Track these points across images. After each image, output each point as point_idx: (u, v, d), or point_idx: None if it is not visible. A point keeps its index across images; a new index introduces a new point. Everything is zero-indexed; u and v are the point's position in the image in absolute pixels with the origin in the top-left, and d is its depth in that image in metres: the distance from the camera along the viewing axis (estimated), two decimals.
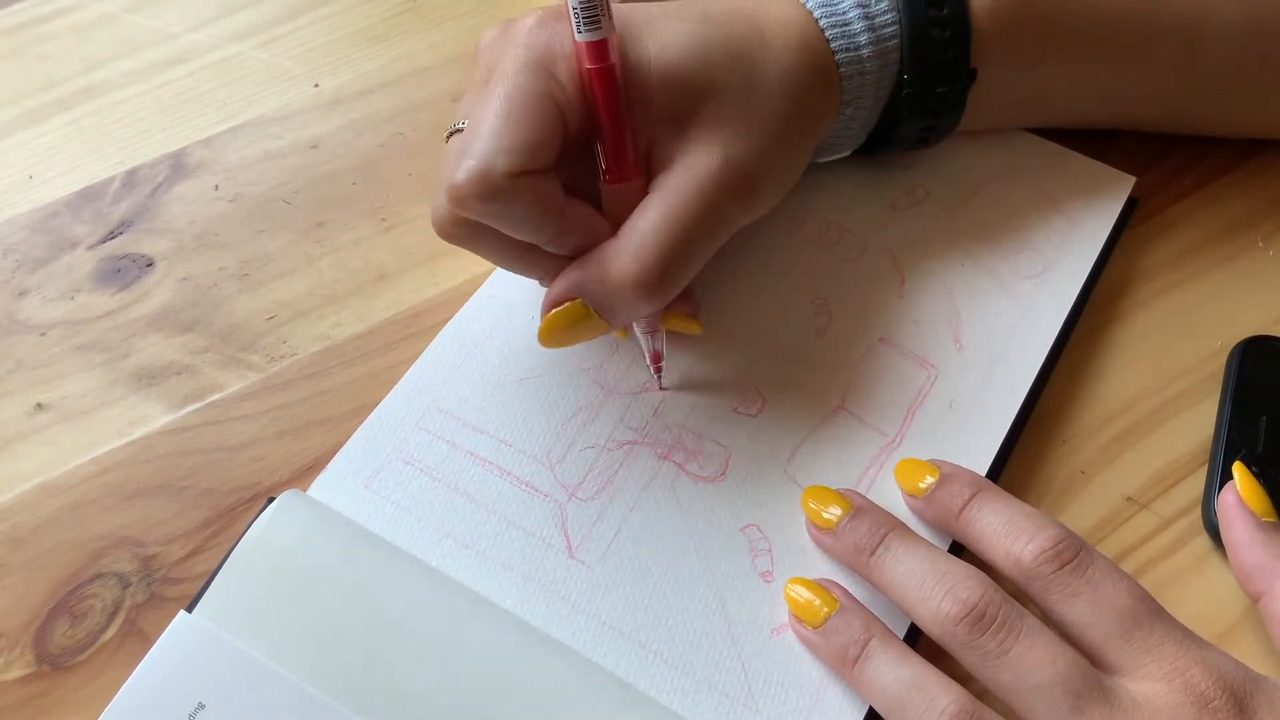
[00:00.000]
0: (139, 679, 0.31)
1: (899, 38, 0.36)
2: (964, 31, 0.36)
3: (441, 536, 0.34)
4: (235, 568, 0.32)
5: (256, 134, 0.44)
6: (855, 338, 0.38)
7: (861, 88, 0.37)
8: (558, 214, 0.32)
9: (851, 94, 0.37)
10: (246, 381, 0.38)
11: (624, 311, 0.33)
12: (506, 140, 0.30)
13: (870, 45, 0.36)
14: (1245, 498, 0.33)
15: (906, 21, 0.36)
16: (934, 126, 0.39)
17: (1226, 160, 0.44)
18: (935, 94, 0.37)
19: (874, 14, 0.36)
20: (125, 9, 0.48)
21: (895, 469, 0.35)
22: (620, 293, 0.32)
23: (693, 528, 0.34)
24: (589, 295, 0.32)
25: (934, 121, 0.39)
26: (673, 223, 0.32)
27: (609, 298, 0.32)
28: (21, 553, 0.35)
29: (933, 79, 0.37)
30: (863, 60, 0.36)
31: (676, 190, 0.32)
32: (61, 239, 0.41)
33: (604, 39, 0.31)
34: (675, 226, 0.32)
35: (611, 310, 0.33)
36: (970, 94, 0.38)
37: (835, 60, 0.36)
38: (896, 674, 0.30)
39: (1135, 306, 0.40)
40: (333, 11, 0.49)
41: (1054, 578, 0.30)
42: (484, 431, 0.36)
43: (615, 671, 0.32)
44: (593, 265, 0.32)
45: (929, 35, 0.36)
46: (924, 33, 0.36)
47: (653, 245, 0.32)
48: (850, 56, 0.36)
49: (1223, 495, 0.33)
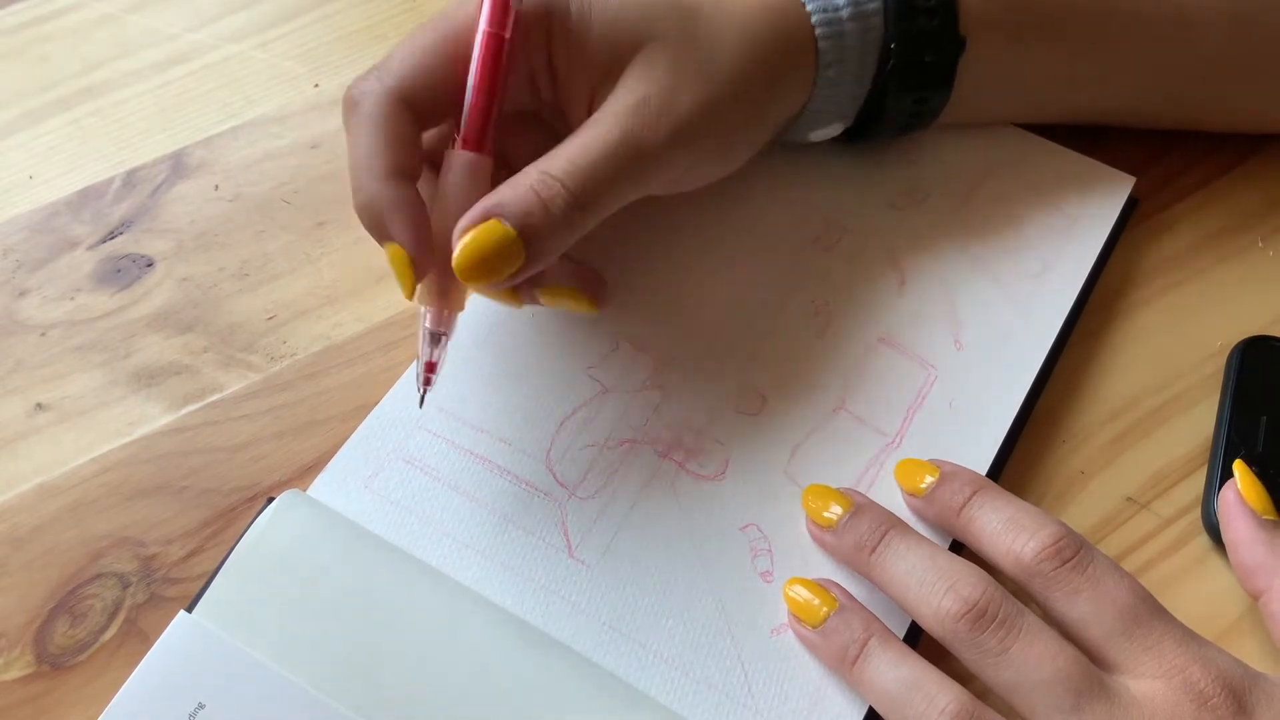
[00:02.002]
0: (139, 679, 0.31)
1: (881, 4, 0.36)
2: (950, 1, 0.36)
3: (441, 536, 0.34)
4: (235, 568, 0.32)
5: (256, 134, 0.44)
6: (855, 338, 0.38)
7: (842, 51, 0.36)
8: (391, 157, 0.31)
9: (830, 56, 0.36)
10: (246, 381, 0.38)
11: (546, 230, 0.31)
12: (405, 64, 0.32)
13: (849, 7, 0.35)
14: (1246, 495, 0.33)
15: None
16: (924, 99, 0.38)
17: (1226, 160, 0.44)
18: (923, 63, 0.37)
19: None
20: (125, 9, 0.48)
21: (895, 469, 0.35)
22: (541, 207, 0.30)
23: (692, 527, 0.34)
24: (507, 211, 0.30)
25: (923, 94, 0.38)
26: (591, 145, 0.31)
27: (530, 212, 0.30)
28: (21, 553, 0.35)
29: (920, 47, 0.36)
30: (841, 22, 0.35)
31: (599, 121, 0.32)
32: (61, 239, 0.41)
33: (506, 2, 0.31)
34: (592, 148, 0.31)
35: (533, 229, 0.30)
36: (960, 71, 0.38)
37: (811, 23, 0.35)
38: (896, 673, 0.30)
39: (1135, 306, 0.40)
40: (333, 11, 0.49)
41: (1055, 575, 0.30)
42: (483, 430, 0.36)
43: (615, 671, 0.32)
44: (502, 189, 0.31)
45: (913, 3, 0.36)
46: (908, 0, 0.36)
47: (565, 161, 0.31)
48: (827, 18, 0.35)
49: (1223, 493, 0.34)
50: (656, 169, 0.33)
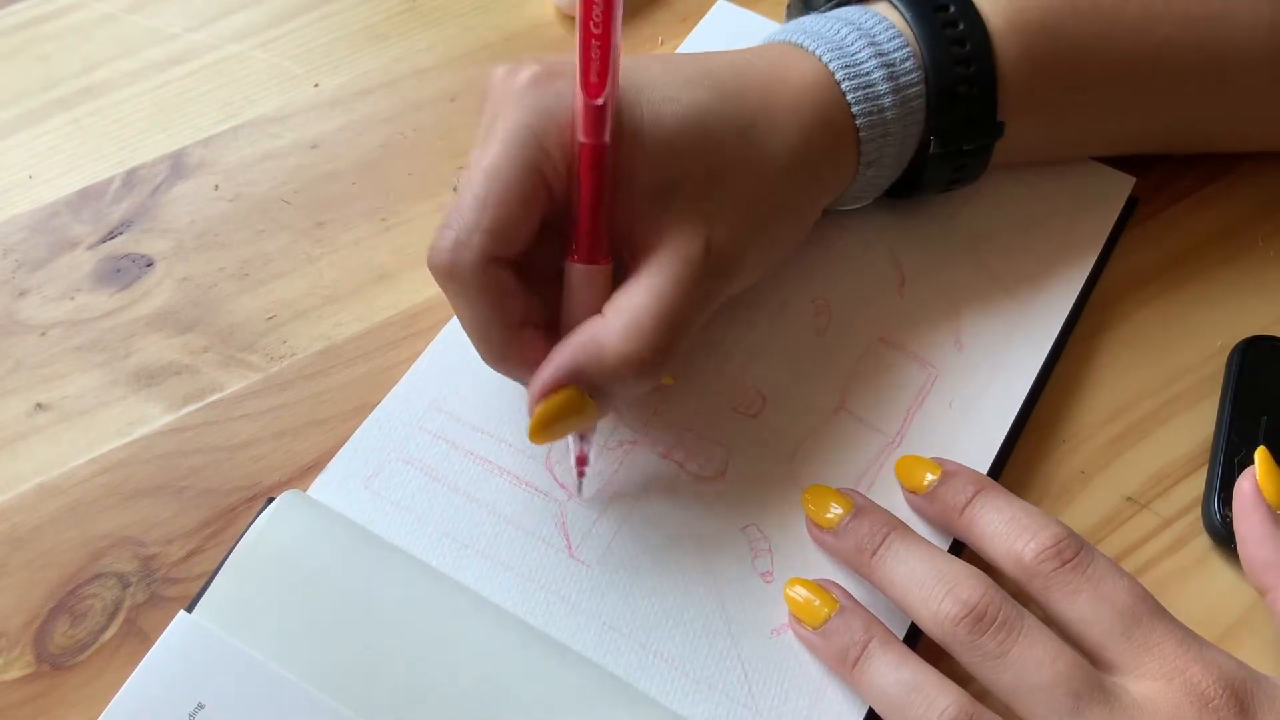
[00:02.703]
0: (139, 679, 0.31)
1: (924, 97, 0.35)
2: (990, 87, 0.36)
3: (441, 536, 0.34)
4: (235, 568, 0.32)
5: (256, 134, 0.44)
6: (855, 338, 0.38)
7: (883, 149, 0.36)
8: (504, 322, 0.31)
9: (872, 155, 0.36)
10: (246, 381, 0.38)
11: (621, 393, 0.31)
12: (486, 219, 0.30)
13: (894, 107, 0.35)
14: (1263, 486, 0.32)
15: (934, 80, 0.35)
16: (959, 180, 0.38)
17: (1226, 160, 0.43)
18: (961, 151, 0.36)
19: (899, 73, 0.35)
20: (125, 9, 0.48)
21: (897, 465, 0.35)
22: (618, 373, 0.30)
23: (692, 527, 0.34)
24: (584, 378, 0.31)
25: (959, 175, 0.38)
26: (663, 301, 0.31)
27: (606, 380, 0.31)
28: (21, 553, 0.35)
29: (959, 137, 0.36)
30: (886, 123, 0.35)
31: (664, 270, 0.31)
32: (61, 239, 0.41)
33: (604, 106, 0.29)
34: (665, 305, 0.31)
35: (608, 393, 0.31)
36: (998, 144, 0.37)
37: (855, 124, 0.35)
38: (896, 675, 0.30)
39: (1135, 306, 0.40)
40: (333, 11, 0.49)
41: (1055, 575, 0.30)
42: (484, 431, 0.36)
43: (615, 671, 0.32)
44: (585, 347, 0.31)
45: (956, 93, 0.35)
46: (951, 90, 0.35)
47: (648, 322, 0.30)
48: (872, 120, 0.35)
49: (1239, 483, 0.33)
50: (725, 299, 0.34)
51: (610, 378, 0.31)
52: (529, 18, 0.48)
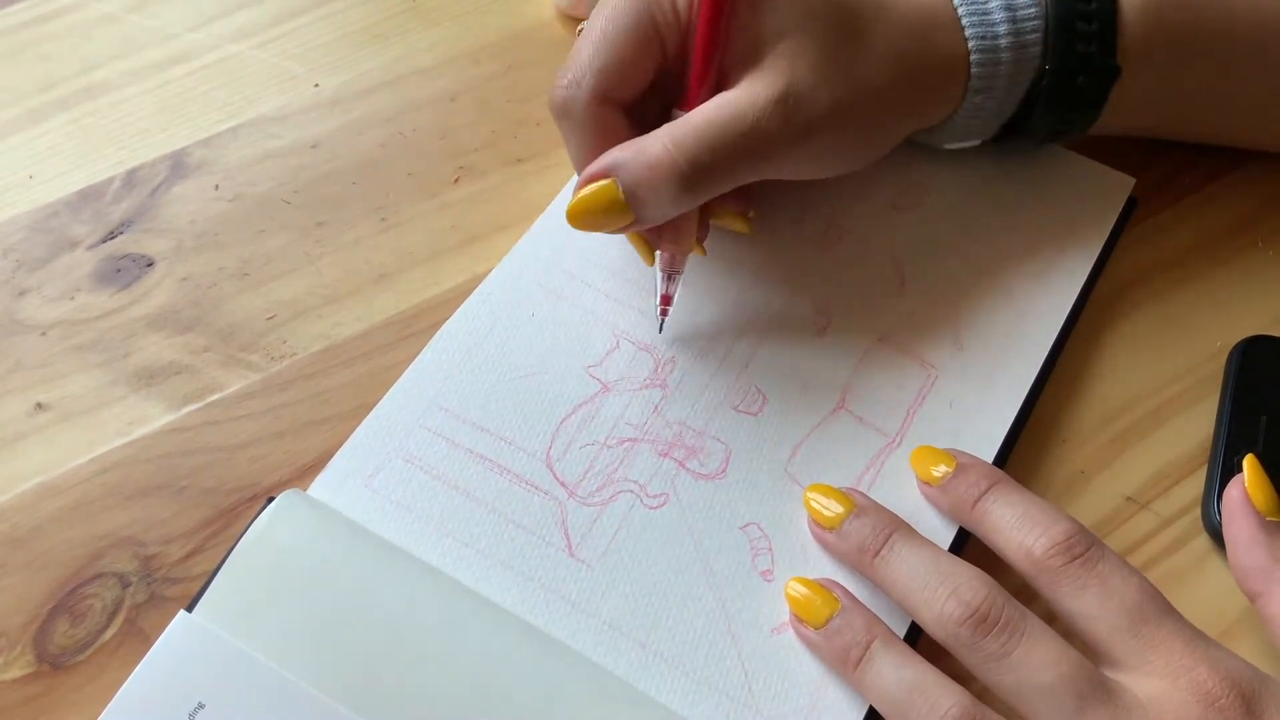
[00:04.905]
0: (139, 679, 0.31)
1: (1041, 30, 0.35)
2: (1110, 25, 0.36)
3: (441, 535, 0.34)
4: (235, 567, 0.32)
5: (256, 134, 0.44)
6: (855, 338, 0.38)
7: (993, 78, 0.36)
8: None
9: (981, 83, 0.36)
10: (246, 381, 0.38)
11: (652, 199, 0.32)
12: (600, 60, 0.32)
13: (1009, 36, 0.35)
14: (1252, 494, 0.32)
15: (1052, 12, 0.35)
16: (1071, 120, 0.38)
17: (1226, 160, 0.44)
18: (1075, 87, 0.36)
19: (1017, 5, 0.35)
20: (125, 9, 0.48)
21: (911, 455, 0.35)
22: (650, 175, 0.32)
23: (693, 526, 0.34)
24: (622, 173, 0.32)
25: (1070, 115, 0.38)
26: (713, 124, 0.32)
27: (641, 180, 0.32)
28: (21, 553, 0.35)
29: (1074, 71, 0.36)
30: (998, 50, 0.35)
31: (730, 100, 0.33)
32: (61, 239, 0.41)
33: None
34: (714, 127, 0.32)
35: (641, 197, 0.32)
36: (1112, 92, 0.37)
37: (968, 49, 0.35)
38: (898, 676, 0.30)
39: (1135, 306, 0.40)
40: (333, 11, 0.49)
41: (1063, 570, 0.30)
42: (484, 429, 0.36)
43: (615, 671, 0.32)
44: (631, 145, 0.32)
45: (1074, 28, 0.35)
46: (1069, 24, 0.35)
47: (692, 138, 0.32)
48: (985, 45, 0.35)
49: (1228, 489, 0.33)
50: (779, 162, 0.34)
51: (642, 177, 0.32)
52: (529, 18, 0.48)
